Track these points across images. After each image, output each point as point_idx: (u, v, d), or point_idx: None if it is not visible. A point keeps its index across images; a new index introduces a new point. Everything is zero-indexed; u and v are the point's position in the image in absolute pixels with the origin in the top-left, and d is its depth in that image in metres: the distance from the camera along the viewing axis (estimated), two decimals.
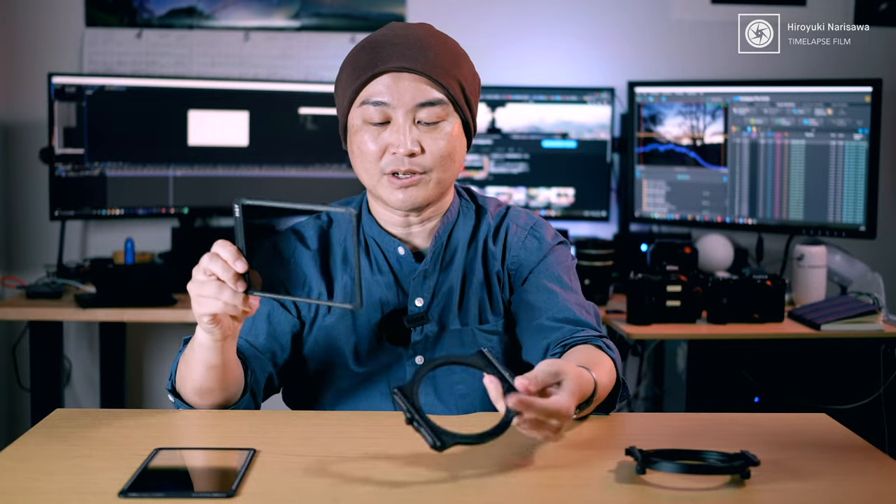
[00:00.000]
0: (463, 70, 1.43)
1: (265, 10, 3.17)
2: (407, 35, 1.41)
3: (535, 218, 1.56)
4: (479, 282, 1.50)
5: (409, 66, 1.38)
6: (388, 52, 1.39)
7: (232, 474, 1.10)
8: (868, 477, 1.13)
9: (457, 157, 1.44)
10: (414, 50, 1.39)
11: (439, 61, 1.39)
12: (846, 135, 2.75)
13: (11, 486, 1.07)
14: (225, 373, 1.32)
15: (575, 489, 1.08)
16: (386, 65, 1.38)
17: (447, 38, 1.45)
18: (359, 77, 1.40)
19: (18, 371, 2.99)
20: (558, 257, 1.52)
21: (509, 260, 1.51)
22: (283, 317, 1.47)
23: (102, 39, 3.11)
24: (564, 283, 1.49)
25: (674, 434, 1.29)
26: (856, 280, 2.83)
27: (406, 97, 1.38)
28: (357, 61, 1.42)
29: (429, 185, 1.42)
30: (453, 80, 1.41)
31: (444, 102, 1.40)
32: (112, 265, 2.92)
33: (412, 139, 1.39)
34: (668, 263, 2.68)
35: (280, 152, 3.03)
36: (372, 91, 1.40)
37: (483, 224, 1.53)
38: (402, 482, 1.09)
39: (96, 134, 2.85)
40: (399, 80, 1.38)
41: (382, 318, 1.47)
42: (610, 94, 3.09)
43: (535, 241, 1.52)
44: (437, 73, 1.39)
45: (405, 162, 1.40)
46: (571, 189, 3.12)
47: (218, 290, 1.20)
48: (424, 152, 1.40)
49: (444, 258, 1.50)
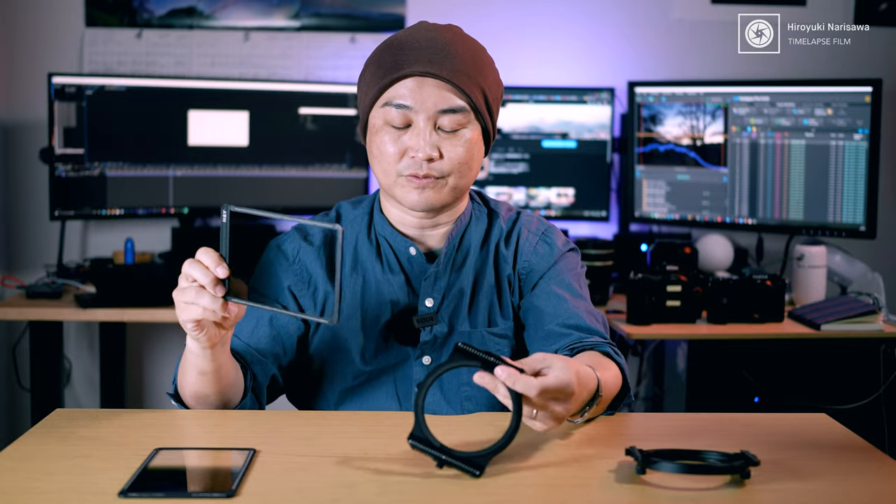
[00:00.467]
0: (488, 78, 1.43)
1: (265, 10, 3.17)
2: (434, 38, 1.40)
3: (546, 223, 1.56)
4: (489, 285, 1.50)
5: (434, 72, 1.37)
6: (415, 55, 1.38)
7: (232, 474, 1.10)
8: (868, 477, 1.13)
9: (474, 164, 1.44)
10: (440, 55, 1.38)
11: (464, 68, 1.39)
12: (846, 135, 2.75)
13: (11, 486, 1.07)
14: (219, 378, 1.33)
15: (575, 489, 1.08)
16: (411, 68, 1.37)
17: (474, 44, 1.44)
18: (383, 77, 1.40)
19: (18, 371, 2.99)
20: (569, 264, 1.52)
21: (520, 264, 1.52)
22: (287, 319, 1.47)
23: (102, 39, 3.11)
24: (574, 290, 1.49)
25: (674, 434, 1.29)
26: (856, 280, 2.83)
27: (429, 102, 1.38)
28: (382, 60, 1.41)
29: (444, 189, 1.42)
30: (476, 88, 1.40)
31: (465, 110, 1.40)
32: (112, 265, 2.92)
33: (431, 144, 1.39)
34: (668, 263, 2.68)
35: (280, 152, 3.03)
36: (395, 93, 1.39)
37: (495, 228, 1.53)
38: (402, 482, 1.09)
39: (96, 134, 2.85)
40: (423, 85, 1.38)
41: (392, 317, 1.47)
42: (610, 94, 3.09)
43: (546, 246, 1.52)
44: (461, 80, 1.38)
45: (423, 166, 1.39)
46: (571, 189, 3.12)
47: (197, 294, 1.21)
48: (443, 158, 1.40)
49: (456, 260, 1.50)
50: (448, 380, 1.47)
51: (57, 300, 2.66)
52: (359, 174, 3.08)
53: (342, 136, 3.05)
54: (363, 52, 3.11)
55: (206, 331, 1.25)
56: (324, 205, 1.70)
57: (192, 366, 1.31)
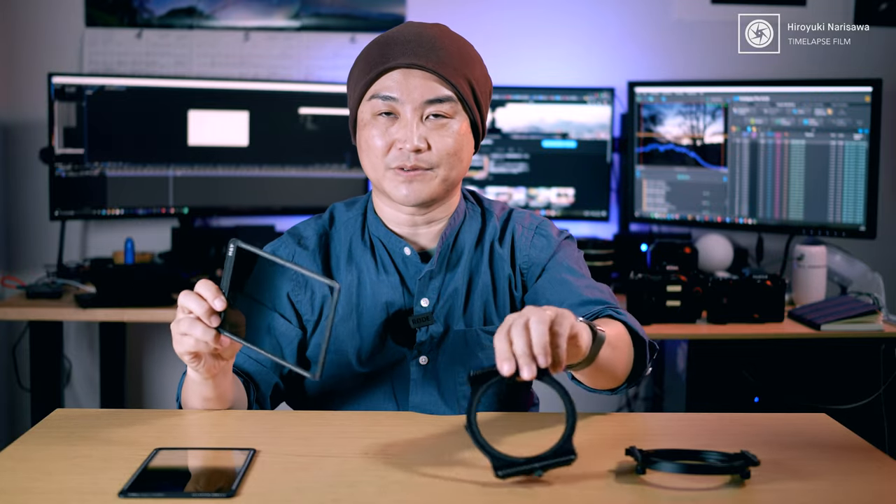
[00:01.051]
0: (475, 71, 1.44)
1: (265, 10, 3.16)
2: (420, 33, 1.42)
3: (538, 217, 1.57)
4: (484, 284, 1.50)
5: (420, 63, 1.38)
6: (401, 49, 1.40)
7: (232, 474, 1.10)
8: (868, 477, 1.13)
9: (463, 155, 1.44)
10: (426, 48, 1.40)
11: (450, 60, 1.40)
12: (846, 135, 2.75)
13: (11, 486, 1.07)
14: (222, 402, 1.35)
15: (575, 489, 1.08)
16: (397, 60, 1.39)
17: (461, 39, 1.46)
18: (370, 71, 1.41)
19: (18, 371, 2.99)
20: (567, 251, 1.54)
21: (520, 260, 1.52)
22: (285, 328, 1.47)
23: (102, 39, 3.11)
24: (576, 272, 1.51)
25: (674, 434, 1.29)
26: (856, 280, 2.83)
27: (415, 93, 1.39)
28: (369, 56, 1.43)
29: (434, 181, 1.42)
30: (463, 80, 1.41)
31: (452, 100, 1.41)
32: (112, 265, 2.92)
33: (419, 135, 1.40)
34: (668, 263, 2.68)
35: (280, 152, 3.03)
36: (381, 86, 1.41)
37: (489, 226, 1.53)
38: (401, 482, 1.09)
39: (96, 134, 2.85)
40: (409, 76, 1.39)
41: (387, 318, 1.47)
42: (610, 94, 3.09)
43: (542, 239, 1.53)
44: (446, 71, 1.39)
45: (411, 158, 1.40)
46: (571, 189, 3.12)
47: (190, 325, 1.22)
48: (431, 149, 1.41)
49: (451, 259, 1.50)
50: (445, 380, 1.47)
51: (57, 300, 2.66)
52: (358, 174, 3.08)
53: (342, 136, 3.04)
54: None
55: (204, 362, 1.27)
56: (323, 205, 1.70)
57: (196, 394, 1.34)
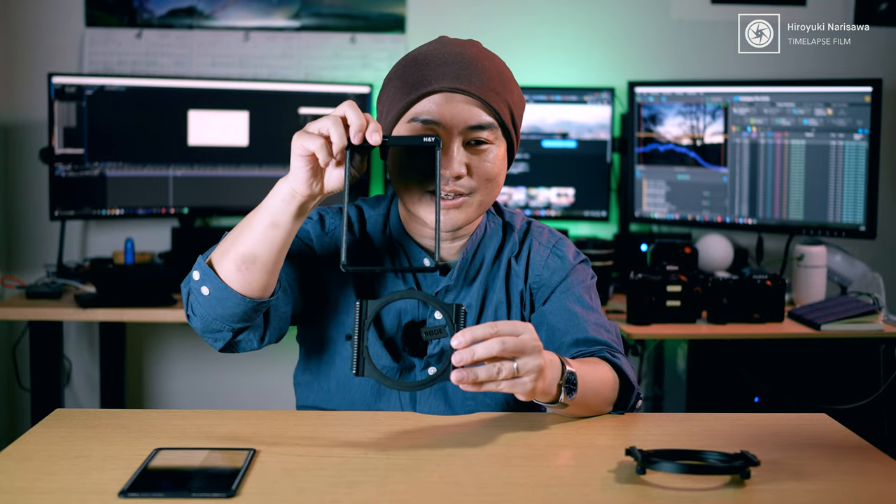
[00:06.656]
0: (514, 94, 1.42)
1: (265, 10, 3.17)
2: (459, 53, 1.39)
3: (557, 235, 1.55)
4: (499, 300, 1.49)
5: (463, 88, 1.36)
6: (441, 70, 1.37)
7: (232, 474, 1.10)
8: (868, 477, 1.13)
9: (500, 180, 1.43)
10: (468, 70, 1.37)
11: (492, 84, 1.38)
12: (846, 135, 2.75)
13: (11, 486, 1.07)
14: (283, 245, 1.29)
15: (575, 489, 1.08)
16: (440, 83, 1.36)
17: (497, 59, 1.43)
18: (410, 93, 1.38)
19: (18, 371, 2.99)
20: (579, 277, 1.52)
21: (532, 279, 1.51)
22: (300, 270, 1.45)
23: (102, 39, 3.11)
24: (585, 303, 1.49)
25: (674, 434, 1.29)
26: (856, 280, 2.83)
27: (457, 119, 1.36)
28: (406, 76, 1.39)
29: (471, 207, 1.40)
30: (504, 104, 1.39)
31: (493, 126, 1.39)
32: (112, 265, 2.92)
33: (460, 161, 1.37)
34: (668, 263, 2.68)
35: (280, 152, 3.03)
36: (422, 109, 1.37)
37: (509, 242, 1.52)
38: (401, 482, 1.09)
39: (96, 134, 2.85)
40: (451, 101, 1.36)
41: (400, 327, 1.47)
42: (610, 94, 3.09)
43: (557, 259, 1.51)
44: (489, 96, 1.37)
45: (450, 183, 1.37)
46: (571, 189, 3.12)
47: (335, 123, 1.20)
48: (471, 174, 1.38)
49: (469, 274, 1.49)
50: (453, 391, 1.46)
51: (57, 300, 2.66)
52: None
53: None
54: (363, 52, 3.11)
55: (313, 168, 1.23)
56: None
57: (268, 215, 1.27)
